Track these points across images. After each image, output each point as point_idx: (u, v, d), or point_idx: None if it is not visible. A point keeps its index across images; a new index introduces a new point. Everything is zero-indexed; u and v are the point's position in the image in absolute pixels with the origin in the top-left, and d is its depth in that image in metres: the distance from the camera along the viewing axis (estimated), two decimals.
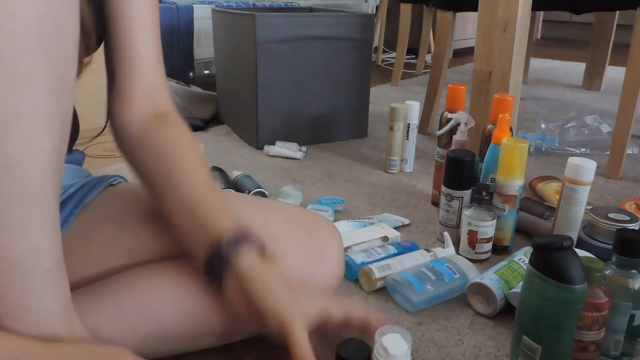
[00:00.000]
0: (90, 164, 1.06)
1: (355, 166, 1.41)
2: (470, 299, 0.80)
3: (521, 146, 0.89)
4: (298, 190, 1.15)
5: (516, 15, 1.11)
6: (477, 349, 0.71)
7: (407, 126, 1.33)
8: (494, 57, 1.16)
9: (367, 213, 1.12)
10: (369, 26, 1.56)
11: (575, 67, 3.05)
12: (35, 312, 0.46)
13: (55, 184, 0.45)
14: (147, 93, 0.64)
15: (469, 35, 3.39)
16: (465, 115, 1.07)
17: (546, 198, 1.18)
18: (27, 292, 0.45)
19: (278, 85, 1.48)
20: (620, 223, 0.87)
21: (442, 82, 1.74)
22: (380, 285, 0.83)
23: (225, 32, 1.65)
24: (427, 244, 0.99)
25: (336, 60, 1.54)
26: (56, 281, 0.47)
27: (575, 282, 0.57)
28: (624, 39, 1.74)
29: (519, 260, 0.84)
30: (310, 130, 1.57)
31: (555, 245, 0.59)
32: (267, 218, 0.68)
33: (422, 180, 1.32)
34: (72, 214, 0.66)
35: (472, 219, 0.90)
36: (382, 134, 1.67)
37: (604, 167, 1.37)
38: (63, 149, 0.46)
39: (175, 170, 0.60)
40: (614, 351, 0.66)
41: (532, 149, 1.55)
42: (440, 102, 1.71)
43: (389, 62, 3.10)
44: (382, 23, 3.12)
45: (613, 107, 1.95)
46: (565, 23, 4.35)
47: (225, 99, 1.77)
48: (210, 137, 1.64)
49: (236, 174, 1.23)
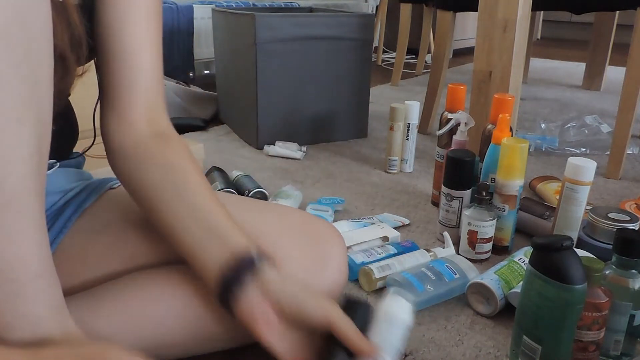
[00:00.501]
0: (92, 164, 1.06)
1: (355, 166, 1.41)
2: (470, 299, 0.80)
3: (521, 146, 0.89)
4: (298, 190, 1.15)
5: (516, 15, 1.11)
6: (477, 349, 0.71)
7: (407, 126, 1.33)
8: (494, 57, 1.16)
9: (367, 213, 1.12)
10: (369, 26, 1.56)
11: (575, 67, 3.05)
12: (25, 318, 0.45)
13: (38, 188, 0.44)
14: (146, 111, 0.60)
15: (469, 35, 3.39)
16: (465, 115, 1.07)
17: (546, 198, 1.18)
18: (15, 299, 0.44)
19: (278, 85, 1.48)
20: (620, 223, 0.87)
21: (442, 82, 1.74)
22: (380, 285, 0.83)
23: (225, 32, 1.65)
24: (427, 244, 0.99)
25: (336, 60, 1.54)
26: (46, 286, 0.46)
27: (575, 282, 0.57)
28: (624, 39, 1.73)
29: (519, 260, 0.84)
30: (310, 130, 1.57)
31: (555, 245, 0.59)
32: (267, 224, 0.67)
33: (422, 180, 1.32)
34: (71, 219, 0.66)
35: (472, 219, 0.90)
36: (382, 134, 1.67)
37: (604, 167, 1.37)
38: (44, 153, 0.45)
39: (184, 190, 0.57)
40: (614, 351, 0.66)
41: (532, 149, 1.55)
42: (440, 102, 1.71)
43: (389, 62, 3.10)
44: (382, 23, 3.12)
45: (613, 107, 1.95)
46: (565, 23, 4.35)
47: (225, 99, 1.77)
48: (210, 137, 1.64)
49: (236, 174, 1.23)
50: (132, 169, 0.60)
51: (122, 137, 0.60)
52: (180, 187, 0.58)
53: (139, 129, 0.60)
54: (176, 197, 0.57)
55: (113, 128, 0.60)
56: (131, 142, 0.60)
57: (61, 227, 0.65)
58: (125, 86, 0.59)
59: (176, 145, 0.61)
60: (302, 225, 0.68)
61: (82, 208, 0.67)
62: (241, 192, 1.14)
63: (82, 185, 0.70)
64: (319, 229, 0.69)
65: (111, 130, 0.60)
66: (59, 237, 0.64)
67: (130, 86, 0.59)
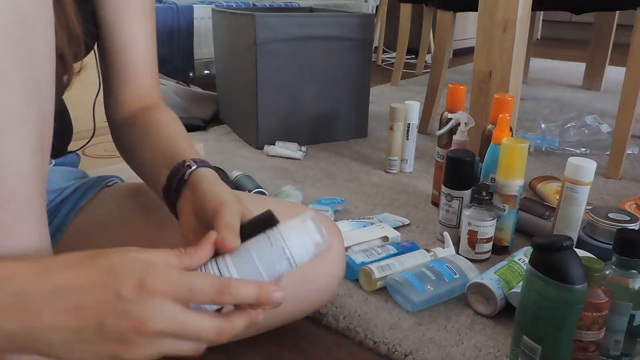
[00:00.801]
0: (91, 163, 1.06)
1: (355, 166, 1.41)
2: (470, 299, 0.80)
3: (521, 146, 0.89)
4: (298, 190, 1.15)
5: (516, 15, 1.11)
6: (477, 349, 0.71)
7: (407, 126, 1.33)
8: (494, 57, 1.16)
9: (367, 213, 1.12)
10: (369, 26, 1.56)
11: (575, 67, 3.05)
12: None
13: (39, 187, 0.44)
14: (137, 94, 0.68)
15: (469, 35, 3.39)
16: (465, 115, 1.07)
17: (546, 198, 1.18)
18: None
19: (278, 85, 1.48)
20: (620, 223, 0.87)
21: (442, 82, 1.74)
22: (380, 285, 0.83)
23: (225, 32, 1.65)
24: (427, 244, 0.99)
25: (336, 60, 1.54)
26: None
27: (575, 282, 0.57)
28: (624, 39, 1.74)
29: (519, 260, 0.84)
30: (310, 130, 1.57)
31: (555, 245, 0.59)
32: None
33: (422, 180, 1.32)
34: (68, 217, 0.66)
35: (472, 219, 0.90)
36: (382, 134, 1.67)
37: (604, 167, 1.37)
38: (45, 151, 0.45)
39: (152, 131, 0.64)
40: (614, 351, 0.66)
41: (532, 149, 1.55)
42: (440, 102, 1.71)
43: (389, 62, 3.10)
44: (382, 23, 3.12)
45: (613, 107, 1.95)
46: (565, 23, 4.35)
47: (225, 99, 1.77)
48: (210, 137, 1.64)
49: (236, 174, 1.23)
50: (123, 135, 0.67)
51: (116, 115, 0.68)
52: (151, 132, 0.64)
53: (130, 107, 0.68)
54: (145, 139, 0.64)
55: (110, 108, 0.69)
56: (123, 117, 0.68)
57: (58, 225, 0.65)
58: (120, 76, 0.67)
59: (157, 109, 0.68)
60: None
61: (78, 206, 0.67)
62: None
63: (77, 183, 0.71)
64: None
65: (109, 110, 0.69)
66: (56, 235, 0.64)
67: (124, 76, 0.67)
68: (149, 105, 0.68)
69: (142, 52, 0.67)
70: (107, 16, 0.64)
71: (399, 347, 0.70)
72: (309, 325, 0.75)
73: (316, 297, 0.68)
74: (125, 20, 0.64)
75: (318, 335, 0.74)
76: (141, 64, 0.67)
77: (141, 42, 0.66)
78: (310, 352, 0.71)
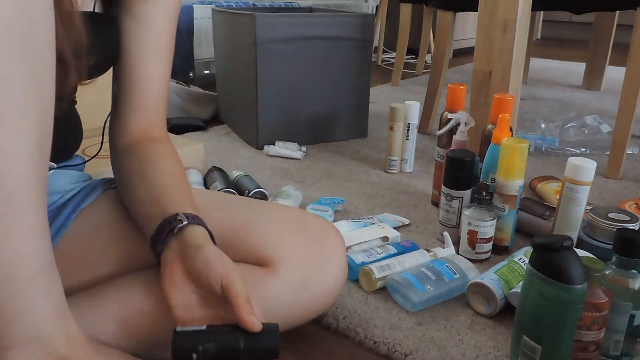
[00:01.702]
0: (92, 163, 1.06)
1: (355, 166, 1.41)
2: (470, 299, 0.80)
3: (521, 146, 0.89)
4: (298, 190, 1.15)
5: (516, 15, 1.11)
6: (477, 349, 0.71)
7: (407, 126, 1.33)
8: (494, 57, 1.16)
9: (367, 213, 1.12)
10: (369, 26, 1.56)
11: (575, 67, 3.05)
12: (26, 316, 0.45)
13: (40, 184, 0.44)
14: (143, 125, 0.69)
15: (469, 35, 3.39)
16: (465, 115, 1.07)
17: (546, 198, 1.18)
18: (16, 296, 0.44)
19: (278, 85, 1.48)
20: (620, 223, 0.87)
21: (442, 82, 1.74)
22: (380, 285, 0.83)
23: (225, 32, 1.65)
24: (427, 244, 0.99)
25: (336, 60, 1.54)
26: (47, 284, 0.46)
27: (575, 282, 0.57)
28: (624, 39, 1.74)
29: (519, 260, 0.84)
30: (310, 130, 1.57)
31: (555, 245, 0.59)
32: (268, 223, 0.67)
33: (422, 180, 1.32)
34: (70, 218, 0.66)
35: (472, 219, 0.90)
36: (382, 134, 1.67)
37: (604, 167, 1.37)
38: (46, 148, 0.45)
39: (147, 170, 0.65)
40: (614, 351, 0.66)
41: (532, 149, 1.55)
42: (440, 102, 1.71)
43: (389, 62, 3.10)
44: (382, 23, 3.12)
45: (613, 107, 1.95)
46: (565, 23, 4.35)
47: (225, 99, 1.77)
48: (210, 137, 1.64)
49: (236, 174, 1.23)
50: (121, 162, 0.68)
51: (120, 139, 0.69)
52: (149, 168, 0.65)
53: (134, 135, 0.69)
54: (141, 176, 0.65)
55: (115, 132, 0.70)
56: (125, 143, 0.69)
57: (59, 227, 0.65)
58: (131, 103, 0.69)
59: (160, 144, 0.69)
60: (302, 223, 0.69)
61: (80, 207, 0.67)
62: (241, 192, 1.14)
63: (81, 186, 0.71)
64: (319, 228, 0.69)
65: (114, 132, 0.71)
66: (57, 237, 0.64)
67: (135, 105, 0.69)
68: (153, 137, 0.69)
69: (156, 88, 0.69)
70: (129, 45, 0.66)
71: (399, 347, 0.70)
72: (309, 325, 0.75)
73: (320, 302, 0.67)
74: (147, 54, 0.67)
75: (318, 335, 0.74)
76: (152, 97, 0.69)
77: (157, 78, 0.68)
78: (310, 352, 0.71)
